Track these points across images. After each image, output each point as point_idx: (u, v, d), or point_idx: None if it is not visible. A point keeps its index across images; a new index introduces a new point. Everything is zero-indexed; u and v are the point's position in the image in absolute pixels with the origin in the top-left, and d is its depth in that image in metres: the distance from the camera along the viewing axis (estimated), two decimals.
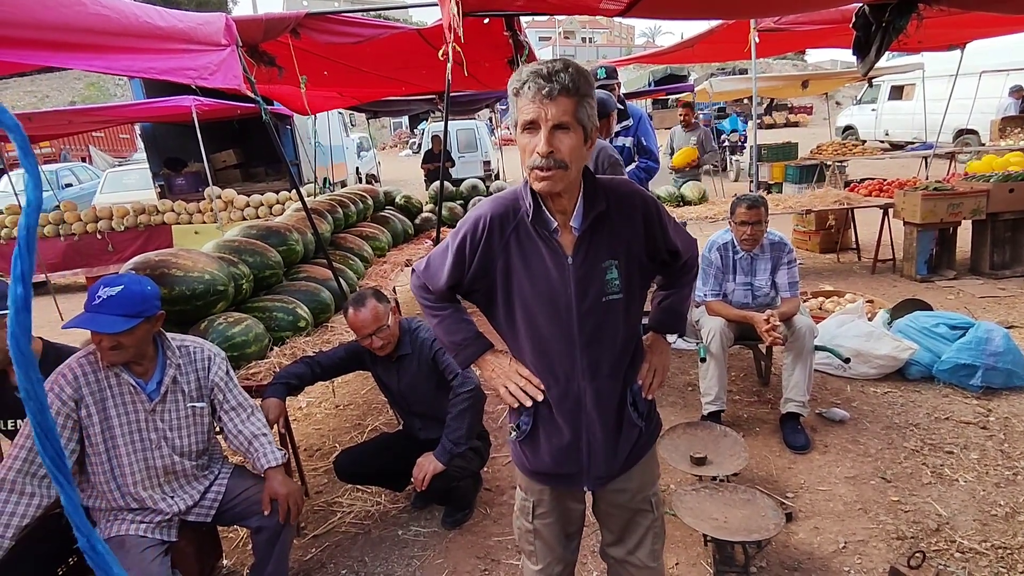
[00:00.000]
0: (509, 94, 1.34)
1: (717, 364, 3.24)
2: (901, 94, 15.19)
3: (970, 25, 5.39)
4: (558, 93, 1.27)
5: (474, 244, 1.45)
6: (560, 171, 1.31)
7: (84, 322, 1.85)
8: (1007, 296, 5.14)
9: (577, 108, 1.30)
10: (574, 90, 1.28)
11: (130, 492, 1.99)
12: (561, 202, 1.40)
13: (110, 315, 1.85)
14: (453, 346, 1.59)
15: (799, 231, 7.48)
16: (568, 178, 1.34)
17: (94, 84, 28.79)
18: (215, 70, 2.53)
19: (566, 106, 1.28)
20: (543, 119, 1.28)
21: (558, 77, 1.27)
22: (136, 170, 11.06)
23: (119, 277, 1.95)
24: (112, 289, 1.87)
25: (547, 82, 1.27)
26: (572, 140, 1.30)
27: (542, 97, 1.27)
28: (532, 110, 1.28)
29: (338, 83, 5.82)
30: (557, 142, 1.29)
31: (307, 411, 4.13)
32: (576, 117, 1.30)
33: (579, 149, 1.33)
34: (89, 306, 1.87)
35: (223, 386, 2.14)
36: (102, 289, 1.88)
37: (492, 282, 1.46)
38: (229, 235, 3.49)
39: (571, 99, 1.28)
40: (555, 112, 1.27)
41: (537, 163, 1.31)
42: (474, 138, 14.52)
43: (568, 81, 1.27)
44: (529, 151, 1.32)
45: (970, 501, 2.66)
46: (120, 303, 1.87)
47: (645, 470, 1.63)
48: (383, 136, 33.43)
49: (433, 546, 2.65)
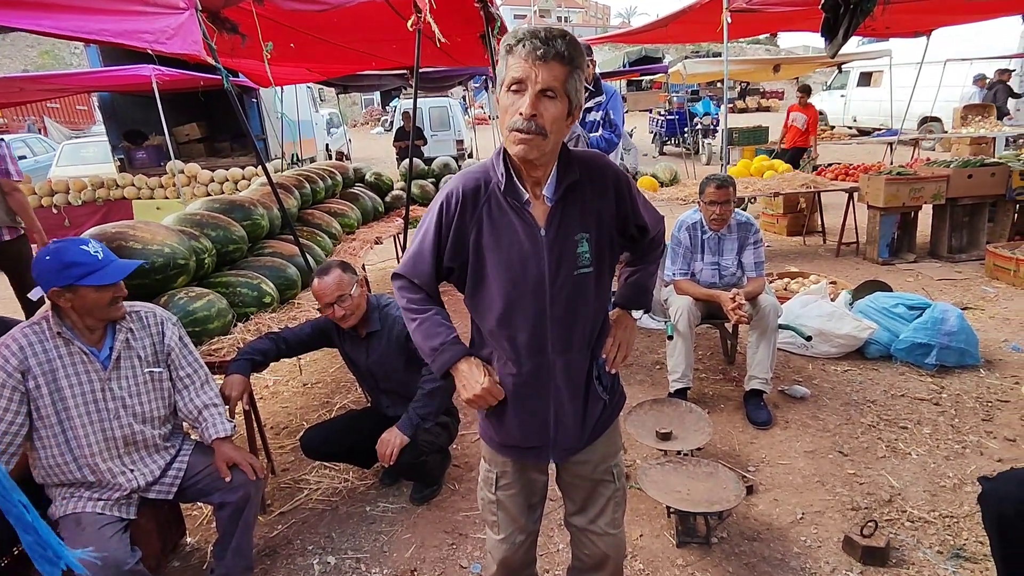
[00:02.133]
0: (501, 51, 1.31)
1: (684, 342, 3.29)
2: (869, 81, 15.44)
3: (935, 12, 5.49)
4: (552, 57, 1.25)
5: (449, 219, 1.43)
6: (539, 137, 1.29)
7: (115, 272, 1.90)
8: (963, 279, 5.32)
9: (567, 77, 1.28)
10: (568, 59, 1.27)
11: (88, 464, 1.94)
12: (535, 172, 1.39)
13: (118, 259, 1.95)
14: (430, 352, 1.52)
15: (767, 214, 7.60)
16: (545, 147, 1.32)
17: (48, 52, 27.49)
18: (172, 35, 2.42)
19: (557, 72, 1.26)
20: (532, 80, 1.26)
21: (555, 42, 1.25)
22: (94, 142, 10.65)
23: (71, 241, 1.93)
24: (92, 244, 1.92)
25: (543, 44, 1.25)
26: (556, 109, 1.29)
27: (535, 58, 1.25)
28: (522, 69, 1.26)
29: (305, 57, 5.65)
30: (542, 107, 1.27)
31: (274, 389, 4.08)
32: (565, 86, 1.28)
33: (561, 120, 1.31)
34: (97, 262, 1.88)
35: (177, 350, 2.11)
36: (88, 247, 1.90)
37: (465, 257, 1.44)
38: (191, 208, 3.38)
39: (564, 67, 1.26)
40: (545, 76, 1.25)
41: (518, 124, 1.28)
42: (447, 116, 14.33)
43: (564, 48, 1.26)
44: (512, 111, 1.29)
45: (921, 473, 2.77)
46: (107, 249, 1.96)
47: (608, 442, 1.65)
48: (354, 113, 32.78)
49: (401, 522, 2.65)
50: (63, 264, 1.83)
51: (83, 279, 1.84)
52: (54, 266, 1.83)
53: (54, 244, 1.89)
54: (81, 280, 1.83)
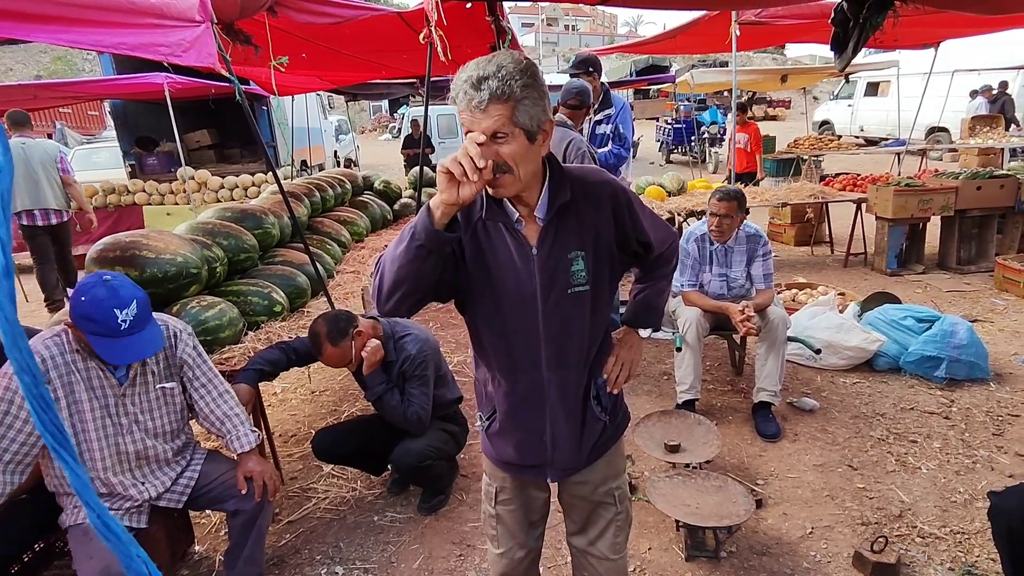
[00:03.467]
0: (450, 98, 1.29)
1: (692, 354, 3.28)
2: (877, 90, 15.45)
3: (944, 25, 5.50)
4: (487, 103, 1.19)
5: None
6: (507, 176, 1.26)
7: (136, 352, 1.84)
8: (972, 290, 5.29)
9: (514, 113, 1.22)
10: (507, 95, 1.20)
11: (99, 477, 1.96)
12: (521, 197, 1.37)
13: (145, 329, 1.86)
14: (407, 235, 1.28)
15: (775, 224, 7.59)
16: (518, 181, 1.29)
17: (61, 58, 27.80)
18: (188, 47, 2.46)
19: (499, 112, 1.20)
20: (477, 129, 1.22)
21: (486, 85, 1.19)
22: (106, 148, 10.75)
23: (115, 292, 1.82)
24: (128, 309, 1.81)
25: (476, 91, 1.20)
26: (512, 146, 1.24)
27: (472, 108, 1.21)
28: (466, 120, 1.24)
29: (317, 66, 5.71)
30: (497, 149, 1.24)
31: (282, 397, 4.09)
32: (513, 122, 1.22)
33: (523, 151, 1.26)
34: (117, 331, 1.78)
35: (191, 363, 2.08)
36: (119, 312, 1.79)
37: (462, 274, 1.42)
38: (203, 217, 3.41)
39: (504, 105, 1.20)
40: (487, 123, 1.21)
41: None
42: (454, 123, 14.37)
43: (497, 87, 1.19)
44: None
45: (931, 488, 2.75)
46: (145, 314, 1.87)
47: (609, 463, 1.61)
48: (362, 119, 32.96)
49: (409, 531, 2.65)
50: (86, 316, 1.78)
51: (93, 337, 1.79)
52: (80, 310, 1.78)
53: (100, 288, 1.81)
54: (90, 336, 1.79)
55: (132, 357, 1.86)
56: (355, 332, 2.52)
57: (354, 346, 2.51)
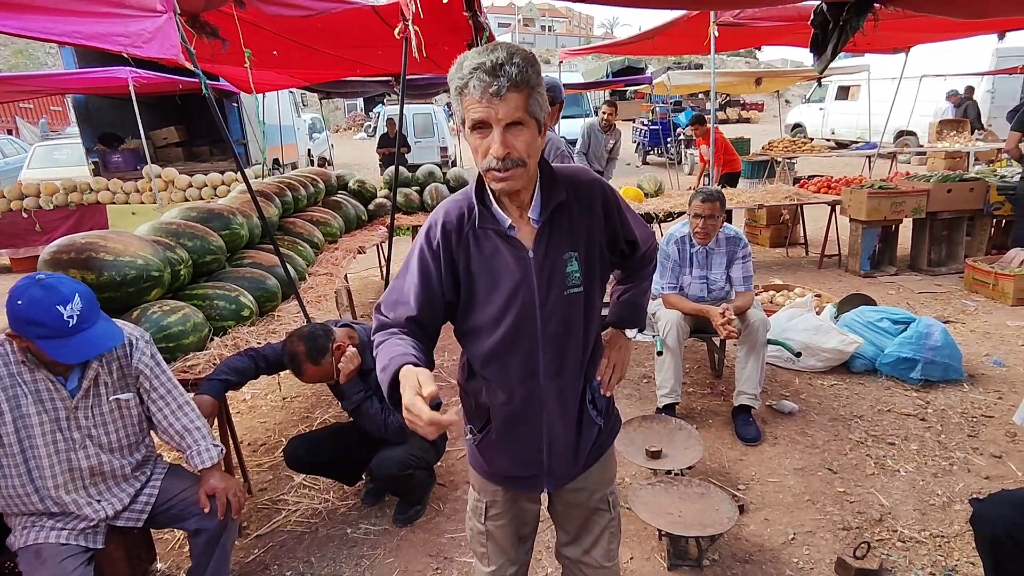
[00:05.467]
0: (452, 89, 1.22)
1: (673, 357, 3.25)
2: (847, 94, 15.73)
3: (915, 29, 5.58)
4: (507, 89, 1.15)
5: (434, 253, 1.35)
6: (519, 169, 1.23)
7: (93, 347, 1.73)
8: (943, 292, 5.38)
9: (528, 101, 1.19)
10: (524, 82, 1.17)
11: (51, 496, 1.83)
12: (519, 196, 1.33)
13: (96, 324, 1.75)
14: (381, 373, 1.25)
15: (751, 225, 7.64)
16: (527, 174, 1.27)
17: (22, 51, 26.86)
18: (149, 38, 2.32)
19: (517, 101, 1.17)
20: (494, 119, 1.17)
21: (504, 71, 1.14)
22: (68, 145, 10.39)
23: (53, 289, 1.69)
24: (72, 304, 1.69)
25: (493, 78, 1.14)
26: (527, 135, 1.21)
27: (490, 96, 1.15)
28: (480, 110, 1.17)
29: (288, 63, 5.56)
30: (512, 140, 1.19)
31: (252, 403, 3.95)
32: (528, 111, 1.19)
33: (535, 143, 1.24)
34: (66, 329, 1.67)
35: (148, 372, 1.94)
36: (64, 308, 1.67)
37: (459, 287, 1.38)
38: (166, 217, 3.27)
39: (521, 93, 1.17)
40: (506, 110, 1.16)
41: (493, 165, 1.21)
42: (431, 123, 14.27)
43: (516, 74, 1.15)
44: (482, 152, 1.22)
45: (910, 491, 2.75)
46: (91, 308, 1.74)
47: (603, 468, 1.60)
48: (337, 118, 32.51)
49: (383, 544, 2.56)
50: (29, 320, 1.65)
51: (42, 340, 1.67)
52: (20, 315, 1.65)
53: (35, 288, 1.68)
54: (39, 341, 1.67)
55: (90, 352, 1.74)
56: (335, 347, 2.42)
57: (333, 360, 2.41)
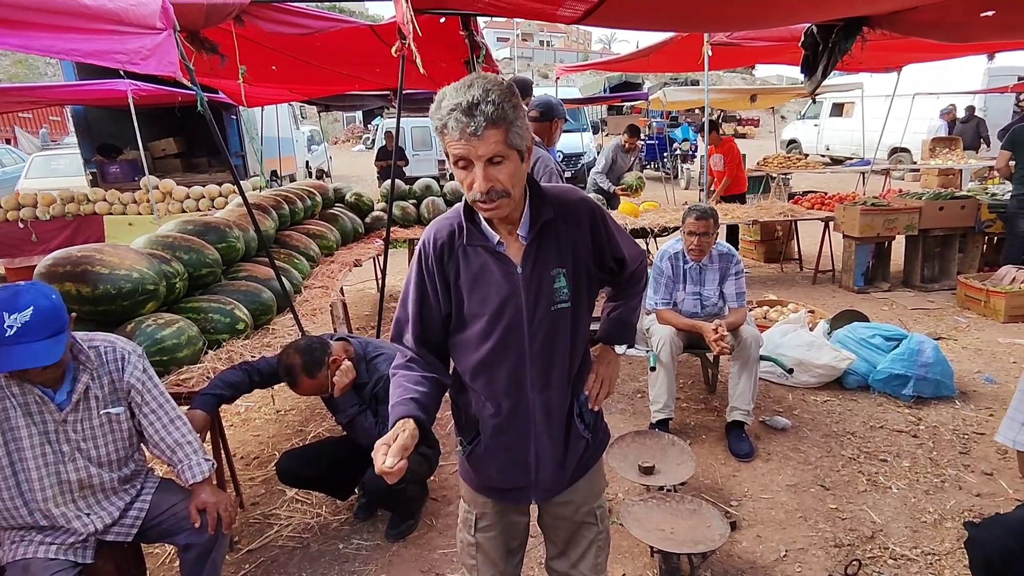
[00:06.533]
0: (432, 126, 1.25)
1: (666, 372, 3.26)
2: (842, 111, 15.90)
3: (906, 50, 5.66)
4: (484, 128, 1.17)
5: (429, 270, 1.42)
6: (504, 200, 1.27)
7: (14, 361, 1.64)
8: (935, 308, 5.41)
9: (508, 135, 1.21)
10: (500, 119, 1.18)
11: (40, 509, 1.82)
12: (507, 217, 1.36)
13: (37, 341, 1.65)
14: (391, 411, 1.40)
15: (745, 240, 7.68)
16: (513, 203, 1.31)
17: (21, 62, 26.98)
18: (148, 55, 2.35)
19: (496, 137, 1.19)
20: (474, 156, 1.20)
21: (480, 110, 1.16)
22: (66, 155, 10.41)
23: (14, 295, 1.67)
24: (21, 314, 1.64)
25: (470, 118, 1.16)
26: (509, 167, 1.24)
27: (468, 136, 1.17)
28: (460, 148, 1.20)
29: (286, 78, 5.59)
30: (494, 174, 1.23)
31: (245, 416, 3.94)
32: (508, 144, 1.21)
33: (518, 172, 1.27)
34: (1, 336, 1.62)
35: (140, 387, 1.94)
36: (8, 317, 1.62)
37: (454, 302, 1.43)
38: (163, 230, 3.28)
39: (499, 128, 1.18)
40: (485, 148, 1.19)
41: (478, 198, 1.25)
42: (429, 136, 14.33)
43: (492, 111, 1.16)
44: (467, 185, 1.25)
45: (902, 508, 2.76)
46: (41, 324, 1.66)
47: (591, 482, 1.62)
48: (335, 130, 32.66)
49: (376, 560, 2.55)
50: None
51: None
52: None
53: (2, 291, 1.66)
54: None
55: (8, 366, 1.66)
56: (330, 360, 2.42)
57: (328, 374, 2.42)
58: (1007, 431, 1.83)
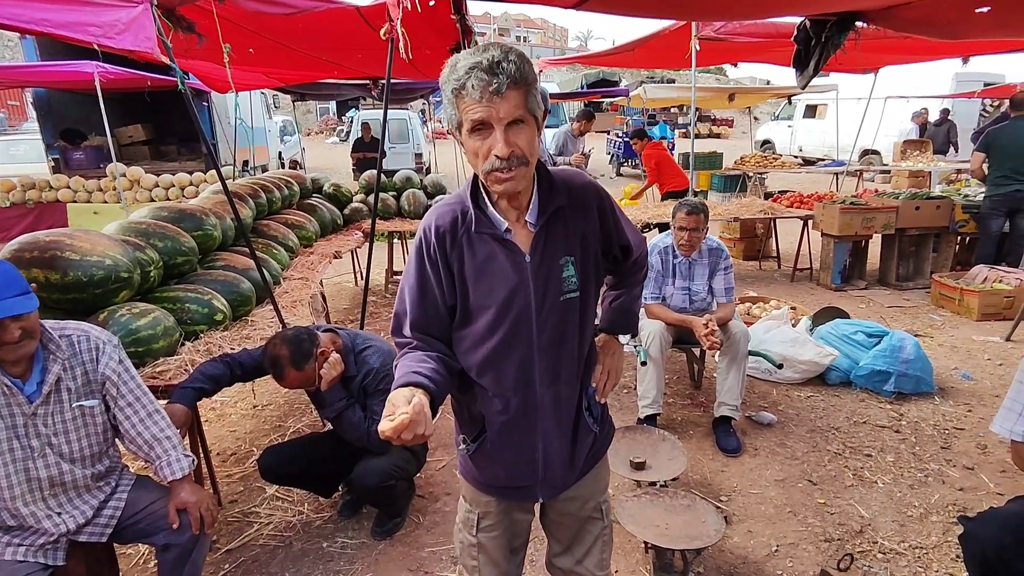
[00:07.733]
0: (446, 92, 1.19)
1: (656, 367, 3.24)
2: (815, 113, 16.19)
3: (886, 51, 5.74)
4: (507, 87, 1.13)
5: (431, 260, 1.33)
6: (523, 168, 1.21)
7: None
8: (911, 306, 5.52)
9: (528, 98, 1.18)
10: (522, 79, 1.15)
11: (7, 508, 1.71)
12: (518, 199, 1.30)
13: (8, 298, 1.56)
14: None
15: (724, 238, 7.74)
16: (529, 174, 1.25)
17: None
18: (123, 29, 2.23)
19: (517, 99, 1.16)
20: (495, 118, 1.15)
21: (503, 68, 1.13)
22: (26, 140, 9.99)
23: None
24: None
25: (492, 76, 1.12)
26: (528, 133, 1.20)
27: (491, 94, 1.13)
28: (481, 110, 1.14)
29: (265, 62, 5.42)
30: (515, 139, 1.18)
31: (221, 411, 3.80)
32: (528, 108, 1.18)
33: (535, 141, 1.23)
34: None
35: (116, 379, 1.83)
36: None
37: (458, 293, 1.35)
38: (136, 216, 3.13)
39: (520, 90, 1.16)
40: (507, 108, 1.15)
41: (496, 166, 1.18)
42: (406, 129, 14.15)
43: (514, 70, 1.14)
44: (483, 155, 1.19)
45: (888, 503, 2.78)
46: (5, 285, 1.57)
47: (597, 477, 1.58)
48: (308, 121, 32.07)
49: (361, 559, 2.47)
50: None
51: None
52: None
53: None
54: None
55: None
56: (319, 352, 2.33)
57: (316, 366, 2.32)
58: (1004, 421, 1.83)
